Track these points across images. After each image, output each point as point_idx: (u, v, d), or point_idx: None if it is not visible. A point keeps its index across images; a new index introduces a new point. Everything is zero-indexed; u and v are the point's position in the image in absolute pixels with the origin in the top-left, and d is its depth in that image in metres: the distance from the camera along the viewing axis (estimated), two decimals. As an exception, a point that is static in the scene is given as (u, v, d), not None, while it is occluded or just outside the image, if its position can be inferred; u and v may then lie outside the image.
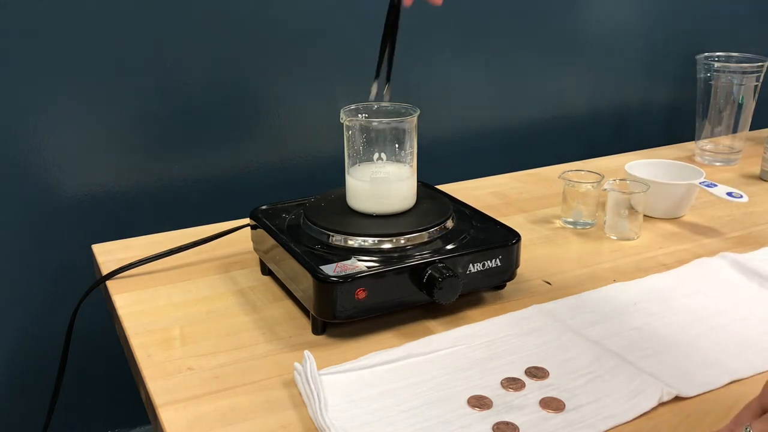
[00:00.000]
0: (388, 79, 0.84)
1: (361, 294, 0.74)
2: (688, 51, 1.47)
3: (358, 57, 1.20)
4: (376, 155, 0.84)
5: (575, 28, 1.43)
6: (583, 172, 1.06)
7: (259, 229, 0.88)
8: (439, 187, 0.99)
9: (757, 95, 1.30)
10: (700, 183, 1.05)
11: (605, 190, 1.01)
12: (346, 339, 0.77)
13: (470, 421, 0.63)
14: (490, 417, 0.64)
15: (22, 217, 1.07)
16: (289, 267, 0.80)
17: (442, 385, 0.68)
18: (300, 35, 1.17)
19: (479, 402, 0.66)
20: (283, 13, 1.15)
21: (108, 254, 0.96)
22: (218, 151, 1.17)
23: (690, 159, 1.34)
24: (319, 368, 0.69)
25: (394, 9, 0.82)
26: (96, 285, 0.91)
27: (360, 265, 0.76)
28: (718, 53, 1.33)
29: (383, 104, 0.84)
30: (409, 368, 0.71)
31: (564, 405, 0.65)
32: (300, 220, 0.86)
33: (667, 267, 0.93)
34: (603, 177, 1.05)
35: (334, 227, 0.81)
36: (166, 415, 0.65)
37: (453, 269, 0.77)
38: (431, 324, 0.79)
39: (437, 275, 0.75)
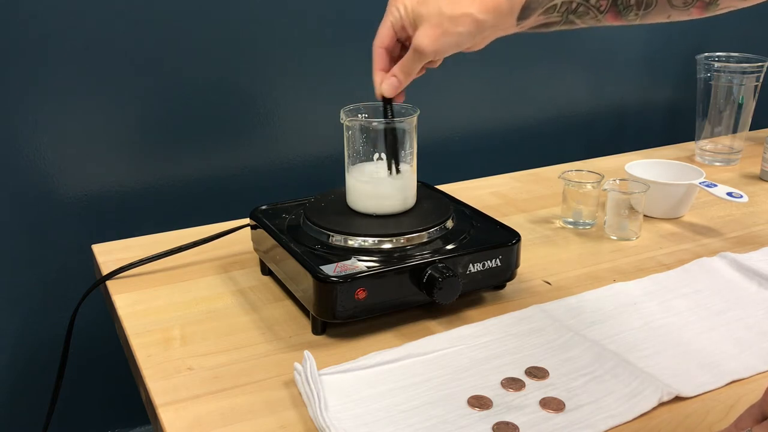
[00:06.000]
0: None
1: (361, 294, 0.74)
2: (688, 51, 1.47)
3: (358, 57, 1.20)
4: (376, 155, 0.84)
5: (575, 28, 1.43)
6: (583, 172, 1.06)
7: (259, 229, 0.88)
8: (439, 187, 0.99)
9: (757, 95, 1.30)
10: (700, 183, 1.05)
11: (605, 190, 1.01)
12: (346, 339, 0.77)
13: (470, 421, 0.63)
14: (490, 417, 0.64)
15: (22, 217, 1.07)
16: (289, 267, 0.80)
17: (442, 385, 0.68)
18: (300, 35, 1.17)
19: (479, 402, 0.66)
20: (284, 14, 1.15)
21: (108, 254, 0.96)
22: (218, 152, 1.17)
23: (690, 159, 1.34)
24: (319, 368, 0.69)
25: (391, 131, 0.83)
26: (96, 285, 0.91)
27: (360, 265, 0.76)
28: (718, 53, 1.33)
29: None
30: (409, 368, 0.71)
31: (564, 405, 0.65)
32: (300, 220, 0.86)
33: (667, 267, 0.93)
34: (603, 177, 1.05)
35: (334, 227, 0.81)
36: (166, 415, 0.65)
37: (453, 269, 0.77)
38: (431, 324, 0.79)
39: (437, 275, 0.75)
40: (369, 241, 0.80)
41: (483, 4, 0.68)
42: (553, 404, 0.66)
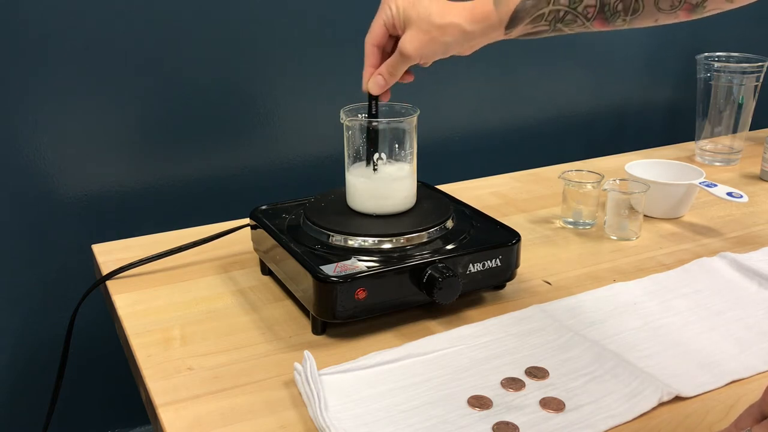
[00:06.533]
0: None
1: (361, 294, 0.74)
2: (688, 51, 1.47)
3: (358, 57, 1.20)
4: (376, 155, 0.84)
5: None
6: (583, 172, 1.06)
7: (259, 229, 0.88)
8: (439, 187, 0.99)
9: (757, 95, 1.30)
10: (700, 183, 1.05)
11: (605, 190, 1.01)
12: (346, 339, 0.77)
13: (470, 421, 0.63)
14: (490, 417, 0.64)
15: (22, 217, 1.07)
16: (289, 267, 0.80)
17: (442, 385, 0.68)
18: (300, 35, 1.17)
19: (479, 402, 0.66)
20: (284, 14, 1.15)
21: (108, 254, 0.96)
22: (218, 152, 1.17)
23: (690, 159, 1.34)
24: (319, 368, 0.69)
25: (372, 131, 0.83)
26: (96, 285, 0.91)
27: (360, 265, 0.76)
28: (718, 53, 1.33)
29: (383, 104, 0.84)
30: (409, 368, 0.71)
31: (564, 405, 0.66)
32: (300, 220, 0.86)
33: (667, 267, 0.93)
34: (603, 177, 1.05)
35: (334, 227, 0.81)
36: (166, 415, 0.65)
37: (453, 269, 0.77)
38: (431, 324, 0.79)
39: (437, 275, 0.75)
40: (369, 241, 0.80)
41: (472, 14, 0.68)
42: (553, 404, 0.66)
